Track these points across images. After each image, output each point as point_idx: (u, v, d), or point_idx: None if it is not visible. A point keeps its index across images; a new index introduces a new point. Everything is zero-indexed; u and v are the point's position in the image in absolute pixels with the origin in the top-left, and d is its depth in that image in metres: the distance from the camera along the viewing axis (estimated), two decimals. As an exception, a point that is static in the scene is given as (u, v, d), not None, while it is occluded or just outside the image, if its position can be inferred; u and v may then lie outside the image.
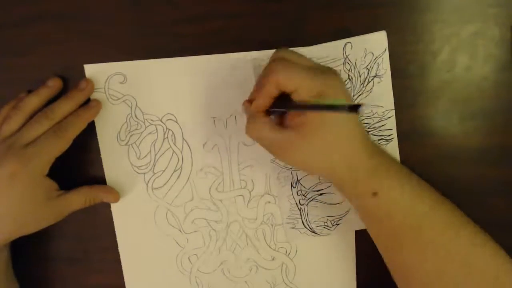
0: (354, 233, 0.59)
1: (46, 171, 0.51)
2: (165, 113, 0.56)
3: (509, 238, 0.47)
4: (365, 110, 0.35)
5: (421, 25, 0.53)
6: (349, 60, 0.53)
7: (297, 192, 0.58)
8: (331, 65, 0.53)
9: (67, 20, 0.54)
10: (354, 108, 0.35)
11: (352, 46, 0.53)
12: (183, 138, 0.57)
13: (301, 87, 0.44)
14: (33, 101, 0.53)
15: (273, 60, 0.46)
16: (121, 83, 0.55)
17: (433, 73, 0.54)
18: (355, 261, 0.60)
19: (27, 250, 0.61)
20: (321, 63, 0.53)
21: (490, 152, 0.56)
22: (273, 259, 0.60)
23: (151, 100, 0.56)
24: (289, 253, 0.60)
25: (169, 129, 0.56)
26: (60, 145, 0.51)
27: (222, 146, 0.57)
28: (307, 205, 0.58)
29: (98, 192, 0.56)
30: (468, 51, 0.53)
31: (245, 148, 0.57)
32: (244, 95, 0.53)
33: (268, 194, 0.58)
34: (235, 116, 0.56)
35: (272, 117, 0.49)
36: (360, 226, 0.57)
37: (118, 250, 0.60)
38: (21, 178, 0.49)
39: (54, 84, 0.54)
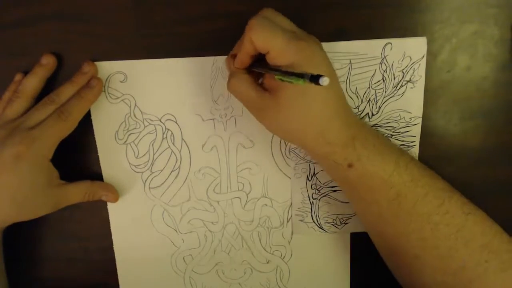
0: (349, 236, 0.59)
1: (51, 155, 0.51)
2: (164, 113, 0.56)
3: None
4: (325, 82, 0.35)
5: (421, 25, 0.53)
6: (386, 61, 0.53)
7: (311, 186, 0.57)
8: (367, 63, 0.53)
9: (67, 20, 0.54)
10: (315, 78, 0.35)
11: (392, 47, 0.53)
12: (182, 138, 0.56)
13: (274, 51, 0.43)
14: (32, 82, 0.53)
15: (255, 16, 0.45)
16: (121, 82, 0.55)
17: (433, 73, 0.54)
18: (349, 265, 0.60)
19: (26, 250, 0.61)
20: (360, 60, 0.53)
21: (490, 152, 0.55)
22: (267, 262, 0.60)
23: (150, 100, 0.56)
24: (284, 257, 0.60)
25: (168, 129, 0.56)
26: (65, 127, 0.51)
27: (220, 148, 0.57)
28: (319, 200, 0.58)
29: (98, 189, 0.56)
30: (468, 51, 0.53)
31: (244, 150, 0.57)
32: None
33: (265, 197, 0.58)
34: (235, 118, 0.56)
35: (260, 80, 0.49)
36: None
37: (116, 249, 0.60)
38: (26, 159, 0.48)
39: (48, 62, 0.53)
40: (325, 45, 0.52)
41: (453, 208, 0.45)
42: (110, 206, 0.59)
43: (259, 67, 0.47)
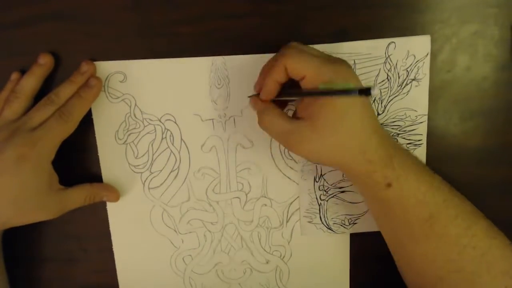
0: (349, 237, 0.59)
1: (53, 156, 0.51)
2: (164, 113, 0.56)
3: (509, 238, 0.46)
4: (376, 92, 0.34)
5: (421, 25, 0.53)
6: (390, 60, 0.53)
7: (319, 187, 0.57)
8: (372, 63, 0.53)
9: (67, 20, 0.54)
10: (365, 91, 0.34)
11: (395, 46, 0.53)
12: (181, 139, 0.56)
13: (310, 73, 0.44)
14: (30, 82, 0.52)
15: (284, 46, 0.46)
16: (121, 81, 0.55)
17: (434, 73, 0.53)
18: (349, 266, 0.60)
19: (26, 251, 0.61)
20: (364, 60, 0.53)
21: (490, 152, 0.55)
22: (267, 262, 0.60)
23: (150, 100, 0.55)
24: (283, 257, 0.60)
25: (168, 129, 0.56)
26: (66, 128, 0.51)
27: (220, 148, 0.57)
28: (327, 201, 0.58)
29: (99, 190, 0.56)
30: (468, 51, 0.53)
31: (243, 151, 0.57)
32: (244, 98, 0.54)
33: (265, 197, 0.58)
34: (234, 118, 0.56)
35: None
36: (375, 227, 0.55)
37: (116, 250, 0.60)
38: (29, 160, 0.48)
39: (46, 61, 0.53)
40: (328, 46, 0.52)
41: (480, 231, 0.46)
42: (110, 207, 0.58)
43: (292, 94, 0.48)
